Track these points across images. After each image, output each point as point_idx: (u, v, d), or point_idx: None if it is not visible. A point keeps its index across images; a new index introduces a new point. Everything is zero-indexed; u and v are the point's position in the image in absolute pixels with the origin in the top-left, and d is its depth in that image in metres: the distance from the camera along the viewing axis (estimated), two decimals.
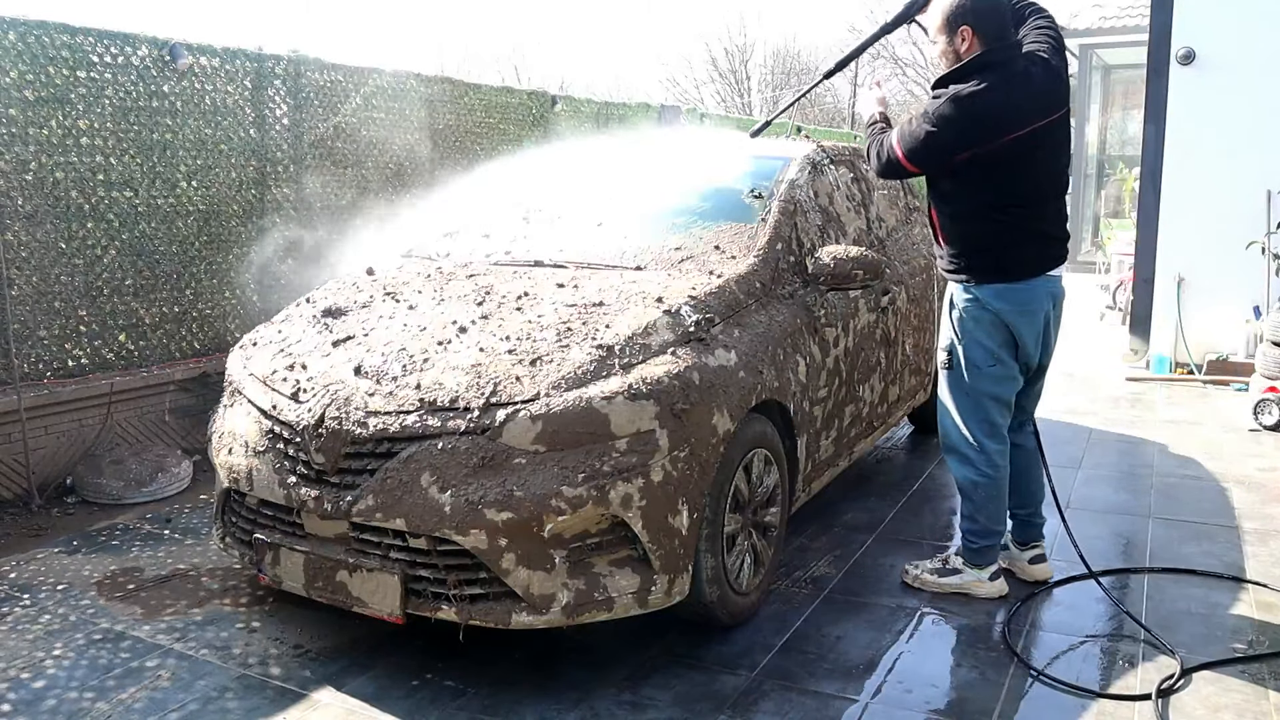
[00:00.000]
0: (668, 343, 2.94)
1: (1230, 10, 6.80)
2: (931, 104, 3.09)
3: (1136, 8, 11.22)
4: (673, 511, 2.75)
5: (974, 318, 3.24)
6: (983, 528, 3.38)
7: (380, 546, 2.80)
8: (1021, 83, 3.02)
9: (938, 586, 3.45)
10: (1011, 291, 3.19)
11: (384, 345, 3.07)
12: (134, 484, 4.51)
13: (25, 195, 4.42)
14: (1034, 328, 3.25)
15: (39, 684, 2.86)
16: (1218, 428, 5.72)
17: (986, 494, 3.35)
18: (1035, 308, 3.22)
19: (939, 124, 3.04)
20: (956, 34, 3.09)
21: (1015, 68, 3.04)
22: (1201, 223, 6.93)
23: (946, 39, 3.12)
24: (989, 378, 3.26)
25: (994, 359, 3.24)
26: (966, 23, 3.07)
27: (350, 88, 6.03)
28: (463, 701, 2.78)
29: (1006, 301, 3.19)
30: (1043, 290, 3.22)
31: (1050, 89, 3.07)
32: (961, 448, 3.36)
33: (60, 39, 4.48)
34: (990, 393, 3.28)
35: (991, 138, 3.01)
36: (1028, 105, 3.02)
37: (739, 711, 2.72)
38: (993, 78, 3.01)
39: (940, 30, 3.14)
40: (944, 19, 3.12)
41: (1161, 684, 2.80)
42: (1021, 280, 3.19)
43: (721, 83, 32.49)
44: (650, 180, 4.23)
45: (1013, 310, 3.20)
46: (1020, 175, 3.10)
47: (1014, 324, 3.21)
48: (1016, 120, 3.00)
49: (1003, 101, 2.99)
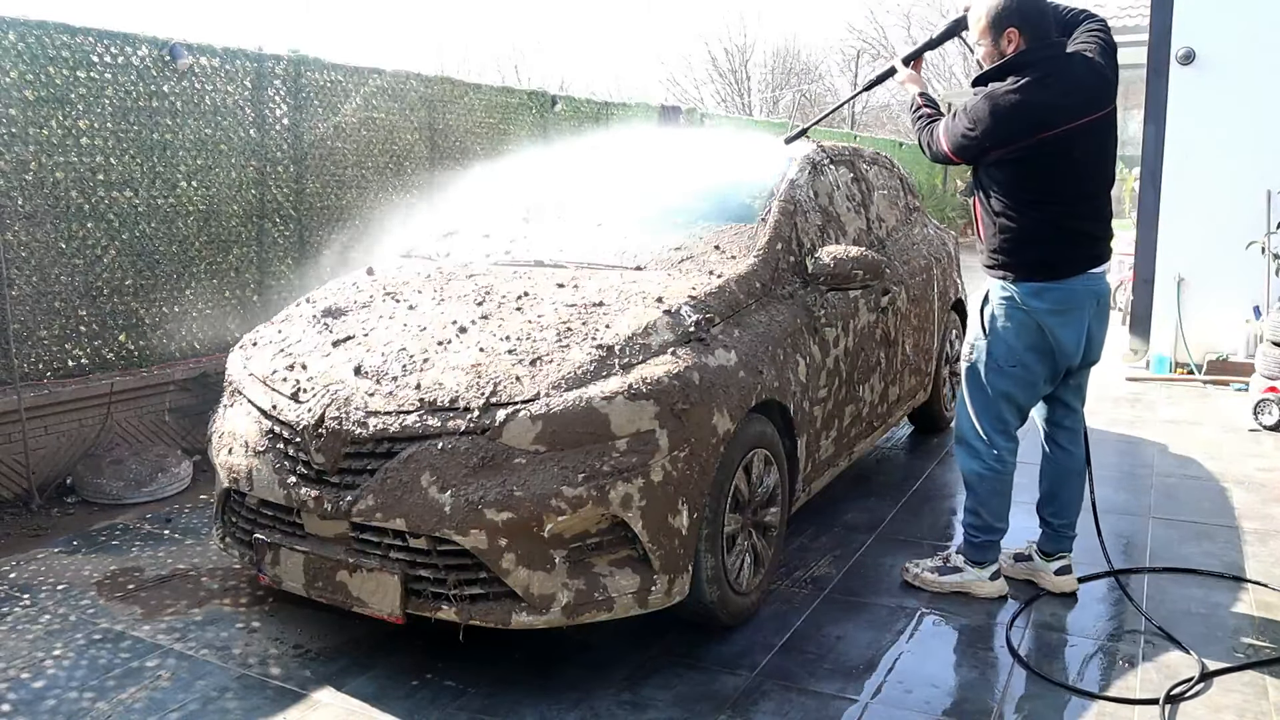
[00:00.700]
0: (668, 343, 2.94)
1: (1230, 10, 6.80)
2: (970, 101, 3.11)
3: (1136, 8, 11.21)
4: (673, 511, 2.75)
5: (1006, 315, 3.22)
6: (984, 523, 3.37)
7: (380, 546, 2.80)
8: (1059, 81, 3.02)
9: (938, 585, 3.44)
10: (1049, 291, 3.15)
11: (384, 345, 3.07)
12: (134, 484, 4.51)
13: (25, 195, 4.42)
14: (1073, 329, 3.19)
15: (39, 684, 2.86)
16: (1218, 428, 5.72)
17: (990, 488, 3.34)
18: (1074, 306, 3.17)
19: (974, 122, 3.06)
20: (1003, 35, 3.10)
21: (1054, 66, 3.04)
22: (1201, 223, 6.93)
23: (991, 40, 3.12)
24: (1008, 377, 3.24)
25: (1016, 360, 3.22)
26: (1013, 24, 3.08)
27: (350, 88, 6.03)
28: (463, 701, 2.78)
29: (1044, 300, 3.15)
30: (1083, 290, 3.17)
31: (1092, 87, 3.06)
32: (971, 440, 3.35)
33: (60, 39, 4.48)
34: (1006, 392, 3.26)
35: (1026, 135, 3.01)
36: (1065, 103, 3.01)
37: (739, 711, 2.72)
38: (1030, 75, 3.01)
39: (985, 32, 3.13)
40: (989, 21, 3.11)
41: (1172, 689, 2.78)
42: (1060, 280, 3.15)
43: (721, 83, 32.52)
44: (650, 180, 4.23)
45: (1049, 310, 3.15)
46: (1060, 173, 3.08)
47: (1050, 325, 3.16)
48: (1053, 118, 3.00)
49: (1039, 99, 2.99)
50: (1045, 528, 3.49)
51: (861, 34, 33.68)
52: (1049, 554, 3.48)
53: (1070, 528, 3.47)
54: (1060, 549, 3.47)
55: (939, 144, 3.21)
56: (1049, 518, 3.47)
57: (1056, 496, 3.45)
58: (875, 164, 4.89)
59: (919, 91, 3.45)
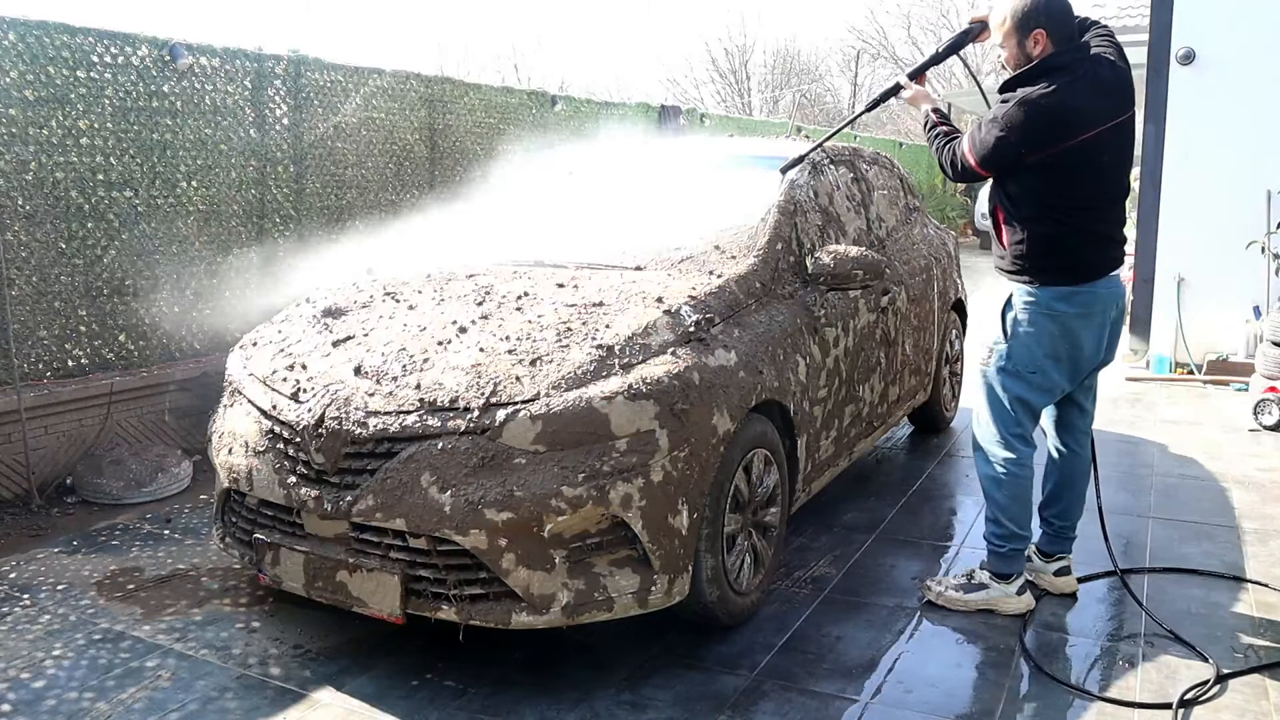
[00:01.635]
0: (668, 343, 2.93)
1: (1230, 10, 6.80)
2: (1000, 108, 3.04)
3: (1136, 8, 11.21)
4: (673, 511, 2.75)
5: (1030, 320, 3.17)
6: (1008, 531, 3.27)
7: (380, 546, 2.80)
8: (1090, 85, 2.98)
9: (963, 604, 3.31)
10: (1075, 295, 3.13)
11: (384, 345, 3.07)
12: (134, 484, 4.51)
13: (25, 195, 4.42)
14: (1095, 331, 3.17)
15: (39, 684, 2.86)
16: (1218, 428, 5.72)
17: (1010, 494, 3.26)
18: (1098, 309, 3.15)
19: (1008, 128, 2.99)
20: (1029, 36, 3.04)
21: (1084, 70, 3.00)
22: (1201, 223, 6.92)
23: (1017, 42, 3.07)
24: (1025, 383, 3.20)
25: (1035, 366, 3.18)
26: (1041, 25, 3.02)
27: (350, 88, 6.03)
28: (463, 701, 2.78)
29: (1071, 305, 3.13)
30: (1105, 293, 3.16)
31: (1118, 90, 3.04)
32: (987, 445, 3.30)
33: (60, 39, 4.48)
34: (1022, 398, 3.21)
35: (1061, 140, 2.97)
36: (1096, 107, 2.99)
37: (739, 711, 2.72)
38: (1062, 80, 2.97)
39: (1010, 34, 3.07)
40: (1016, 21, 3.05)
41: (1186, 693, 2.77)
42: (1085, 283, 3.13)
43: (721, 83, 32.52)
44: (650, 180, 4.23)
45: (1075, 314, 3.13)
46: (1086, 178, 3.05)
47: (1075, 328, 3.14)
48: (1085, 122, 2.97)
49: (1072, 104, 2.96)
50: (1047, 528, 3.47)
51: (861, 34, 33.69)
52: (1048, 555, 3.47)
53: (1071, 529, 3.46)
54: (1060, 550, 3.46)
55: (965, 159, 3.11)
56: (1052, 519, 3.45)
57: (1061, 498, 3.43)
58: (875, 164, 4.89)
59: (931, 108, 3.35)
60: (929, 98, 3.42)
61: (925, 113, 3.36)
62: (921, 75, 3.50)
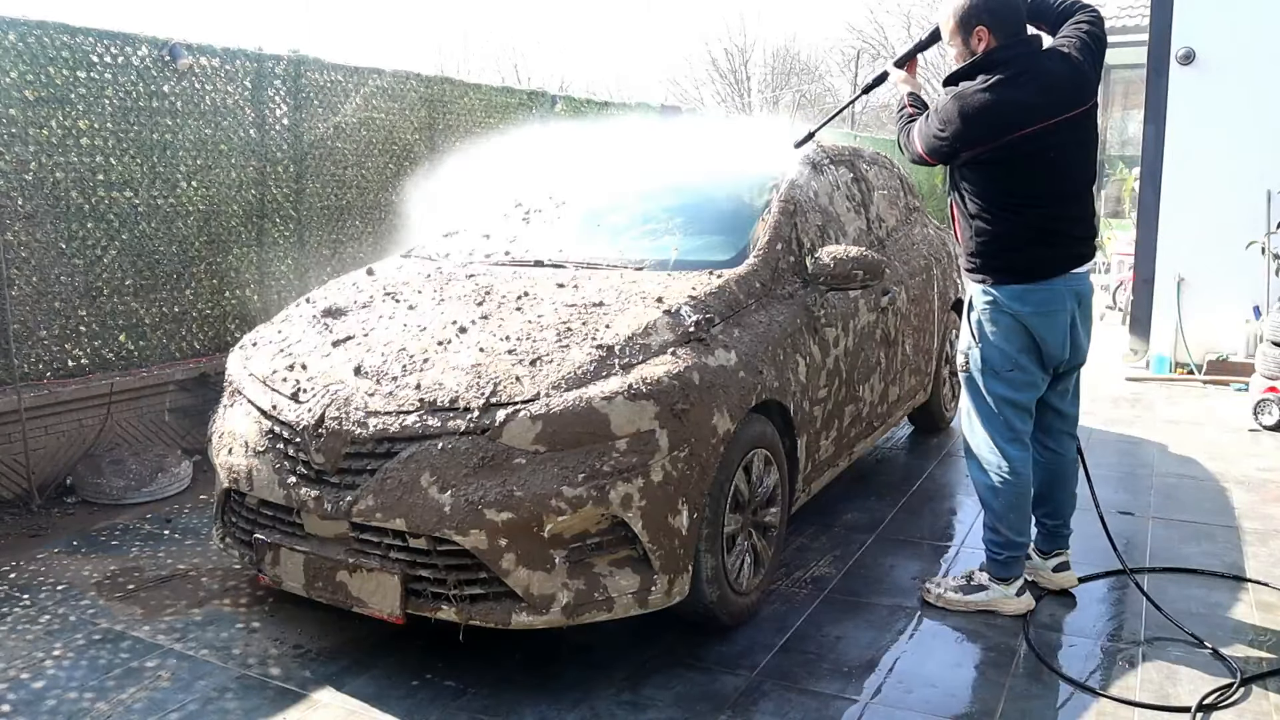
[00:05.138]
0: (668, 343, 2.93)
1: (1230, 10, 6.80)
2: (939, 101, 3.05)
3: (1136, 8, 11.21)
4: (673, 511, 2.75)
5: (992, 320, 3.15)
6: (1005, 539, 3.25)
7: (380, 546, 2.80)
8: (1031, 78, 2.96)
9: (963, 605, 3.30)
10: (1030, 293, 3.09)
11: (384, 345, 3.07)
12: (134, 484, 4.51)
13: (25, 195, 4.41)
14: (1057, 329, 3.13)
15: (39, 684, 2.86)
16: (1217, 428, 5.72)
17: (1006, 502, 3.23)
18: (1056, 308, 3.11)
19: (944, 122, 3.01)
20: (972, 34, 3.05)
21: (1026, 64, 2.98)
22: (1201, 223, 6.92)
23: (961, 40, 3.08)
24: (1006, 382, 3.17)
25: (1012, 364, 3.15)
26: (982, 22, 3.03)
27: (350, 88, 6.03)
28: (463, 701, 2.77)
29: (1025, 304, 3.10)
30: (1064, 290, 3.11)
31: (1068, 84, 3.00)
32: (980, 453, 3.27)
33: (60, 39, 4.48)
34: (1007, 398, 3.19)
35: (998, 134, 2.96)
36: (1039, 101, 2.95)
37: (739, 711, 2.72)
38: (1000, 74, 2.96)
39: (955, 32, 3.09)
40: (958, 20, 3.06)
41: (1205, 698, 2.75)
42: (1041, 280, 3.09)
43: (721, 83, 32.50)
44: (650, 180, 4.22)
45: (1033, 312, 3.10)
46: (1037, 173, 3.02)
47: (1034, 326, 3.11)
48: (1025, 117, 2.94)
49: (1009, 98, 2.94)
50: (1040, 528, 3.47)
51: (861, 34, 33.64)
52: (1046, 552, 3.47)
53: (1065, 526, 3.45)
54: (1057, 547, 3.46)
55: (913, 145, 3.15)
56: (1043, 518, 3.44)
57: (1049, 497, 3.42)
58: (875, 164, 4.89)
59: (909, 92, 3.37)
60: (913, 83, 3.44)
61: (902, 96, 3.38)
62: (910, 62, 3.51)
